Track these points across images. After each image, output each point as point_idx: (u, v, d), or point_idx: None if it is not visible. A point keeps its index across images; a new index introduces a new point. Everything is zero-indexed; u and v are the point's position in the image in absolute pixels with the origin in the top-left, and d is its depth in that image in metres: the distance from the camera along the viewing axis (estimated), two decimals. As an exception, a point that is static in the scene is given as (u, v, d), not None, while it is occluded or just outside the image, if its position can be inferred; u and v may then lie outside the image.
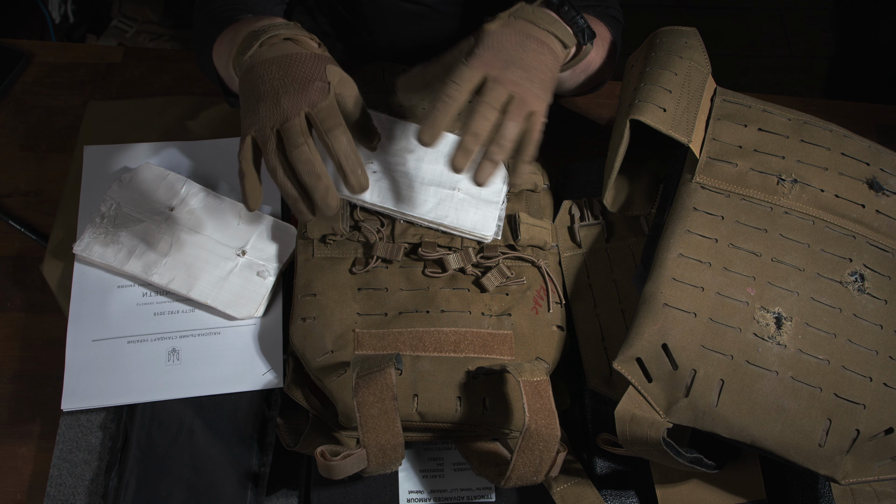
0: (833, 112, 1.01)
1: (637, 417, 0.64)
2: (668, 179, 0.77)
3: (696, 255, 0.69)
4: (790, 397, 0.64)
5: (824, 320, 0.67)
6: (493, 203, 0.78)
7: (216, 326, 0.77)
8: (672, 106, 0.74)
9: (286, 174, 0.62)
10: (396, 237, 0.77)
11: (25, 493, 0.74)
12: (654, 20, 2.06)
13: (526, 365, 0.67)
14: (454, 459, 0.74)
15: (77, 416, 0.75)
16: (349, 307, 0.73)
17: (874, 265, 0.70)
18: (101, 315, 0.77)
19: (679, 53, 0.78)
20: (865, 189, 0.73)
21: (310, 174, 0.61)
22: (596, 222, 0.82)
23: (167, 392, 0.74)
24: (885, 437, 0.64)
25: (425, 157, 0.79)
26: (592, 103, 1.01)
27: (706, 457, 0.66)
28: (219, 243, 0.80)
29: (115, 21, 1.65)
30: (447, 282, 0.75)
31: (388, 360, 0.64)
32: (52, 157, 0.92)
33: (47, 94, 0.97)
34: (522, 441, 0.63)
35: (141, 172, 0.83)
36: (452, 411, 0.69)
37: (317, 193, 0.62)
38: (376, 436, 0.62)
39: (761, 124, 0.76)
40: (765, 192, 0.73)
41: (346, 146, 0.62)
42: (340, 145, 0.62)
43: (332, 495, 0.71)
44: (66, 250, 0.82)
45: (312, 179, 0.62)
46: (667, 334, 0.65)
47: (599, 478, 0.74)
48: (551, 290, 0.77)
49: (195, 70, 0.99)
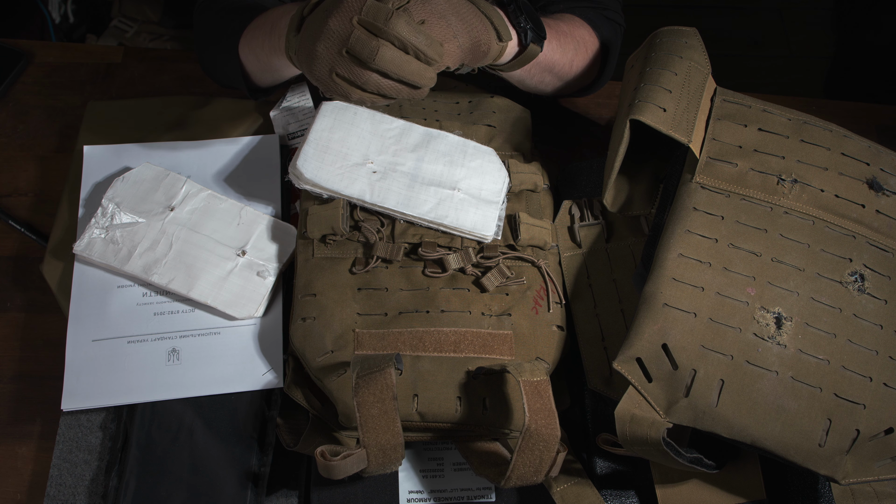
0: (833, 112, 1.01)
1: (637, 417, 0.64)
2: (668, 179, 0.77)
3: (696, 255, 0.69)
4: (790, 397, 0.64)
5: (824, 320, 0.67)
6: (493, 203, 0.78)
7: (216, 326, 0.77)
8: (672, 106, 0.74)
9: (379, 79, 0.65)
10: (396, 237, 0.77)
11: (25, 493, 0.74)
12: (654, 20, 2.06)
13: (526, 365, 0.67)
14: (454, 459, 0.74)
15: (77, 416, 0.75)
16: (349, 307, 0.73)
17: (874, 265, 0.70)
18: (101, 315, 0.77)
19: (679, 53, 0.78)
20: (865, 189, 0.73)
21: (399, 66, 0.64)
22: (596, 222, 0.82)
23: (167, 392, 0.74)
24: (885, 437, 0.64)
25: (425, 157, 0.79)
26: (592, 103, 1.01)
27: (706, 457, 0.66)
28: (219, 243, 0.80)
29: (115, 21, 1.65)
30: (447, 282, 0.75)
31: (388, 360, 0.64)
32: (51, 157, 0.92)
33: (47, 94, 0.97)
34: (522, 441, 0.63)
35: (141, 172, 0.83)
36: (452, 411, 0.69)
37: (414, 75, 0.65)
38: (376, 436, 0.62)
39: (761, 124, 0.76)
40: (765, 192, 0.73)
41: (405, 28, 0.63)
42: (401, 29, 0.63)
43: (332, 495, 0.71)
44: (66, 250, 0.82)
45: (403, 67, 0.64)
46: (667, 334, 0.65)
47: (599, 478, 0.74)
48: (551, 290, 0.77)
49: (195, 70, 0.99)
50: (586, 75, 0.91)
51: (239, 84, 0.86)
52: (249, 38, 0.81)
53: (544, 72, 0.85)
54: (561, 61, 0.85)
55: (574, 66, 0.87)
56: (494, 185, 0.79)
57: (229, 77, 0.86)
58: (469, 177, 0.79)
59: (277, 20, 0.76)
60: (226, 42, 0.83)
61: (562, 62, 0.85)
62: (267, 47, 0.77)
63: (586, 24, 0.89)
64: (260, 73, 0.84)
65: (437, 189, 0.78)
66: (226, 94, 0.97)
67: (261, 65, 0.81)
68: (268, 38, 0.77)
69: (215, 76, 0.90)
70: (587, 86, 0.93)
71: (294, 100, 0.88)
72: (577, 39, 0.87)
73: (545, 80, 0.87)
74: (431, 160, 0.79)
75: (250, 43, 0.80)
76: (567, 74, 0.88)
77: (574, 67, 0.87)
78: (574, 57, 0.86)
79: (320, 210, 0.76)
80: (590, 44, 0.88)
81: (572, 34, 0.86)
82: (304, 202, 0.79)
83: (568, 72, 0.87)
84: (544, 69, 0.84)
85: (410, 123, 0.81)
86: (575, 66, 0.87)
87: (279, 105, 0.88)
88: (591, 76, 0.92)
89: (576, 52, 0.86)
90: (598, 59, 0.90)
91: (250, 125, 0.91)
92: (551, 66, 0.84)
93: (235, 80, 0.86)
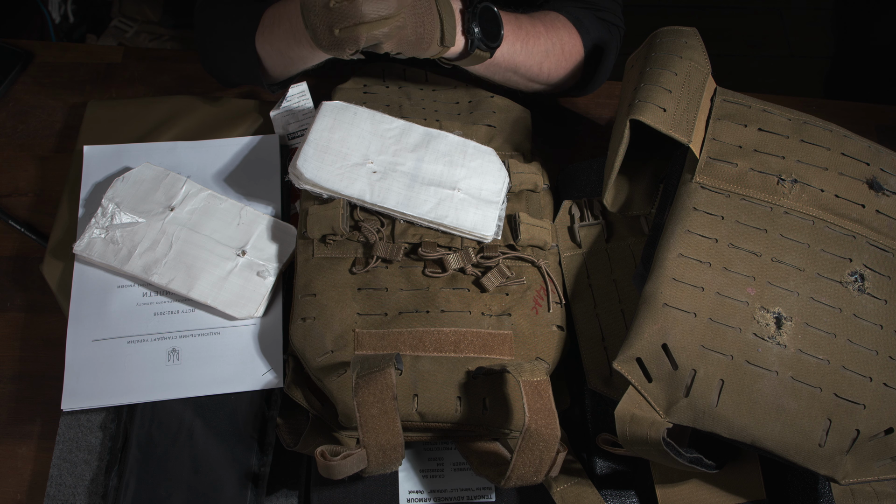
0: (833, 112, 1.01)
1: (637, 417, 0.64)
2: (668, 179, 0.77)
3: (696, 255, 0.69)
4: (790, 397, 0.64)
5: (824, 320, 0.67)
6: (493, 203, 0.78)
7: (216, 326, 0.77)
8: (672, 106, 0.74)
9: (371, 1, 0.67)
10: (396, 237, 0.77)
11: (25, 493, 0.74)
12: (654, 20, 2.06)
13: (526, 365, 0.67)
14: (454, 459, 0.74)
15: (77, 416, 0.75)
16: (349, 307, 0.73)
17: (874, 265, 0.70)
18: (101, 315, 0.77)
19: (679, 53, 0.78)
20: (865, 189, 0.73)
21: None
22: (596, 222, 0.82)
23: (167, 392, 0.74)
24: (885, 437, 0.64)
25: (425, 157, 0.79)
26: (592, 103, 1.01)
27: (706, 457, 0.66)
28: (219, 243, 0.80)
29: (115, 21, 1.65)
30: (447, 282, 0.75)
31: (388, 360, 0.64)
32: (52, 157, 0.92)
33: (47, 94, 0.97)
34: (522, 441, 0.63)
35: (141, 172, 0.83)
36: (452, 411, 0.69)
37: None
38: (376, 436, 0.62)
39: (761, 124, 0.76)
40: (765, 192, 0.73)
41: None
42: None
43: (332, 495, 0.71)
44: (66, 250, 0.82)
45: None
46: (667, 334, 0.65)
47: (599, 478, 0.74)
48: (551, 290, 0.77)
49: (195, 70, 0.99)
50: (569, 77, 0.91)
51: (254, 80, 0.88)
52: (268, 35, 0.82)
53: (507, 71, 0.85)
54: (526, 63, 0.85)
55: (545, 68, 0.88)
56: (494, 185, 0.79)
57: (243, 74, 0.88)
58: (469, 177, 0.79)
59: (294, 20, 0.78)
60: (239, 41, 0.84)
61: (527, 63, 0.86)
62: (294, 45, 0.80)
63: (569, 25, 0.89)
64: (282, 68, 0.86)
65: (437, 189, 0.78)
66: (226, 93, 0.97)
67: (284, 59, 0.84)
68: (293, 37, 0.79)
69: (223, 74, 0.91)
70: (577, 86, 0.94)
71: (294, 100, 0.88)
72: (552, 41, 0.87)
73: (512, 80, 0.88)
74: (431, 160, 0.79)
75: (270, 40, 0.82)
76: (538, 76, 0.88)
77: (545, 70, 0.88)
78: (544, 60, 0.87)
79: (320, 210, 0.76)
80: (568, 45, 0.89)
81: (547, 35, 0.87)
82: (304, 202, 0.79)
83: (537, 73, 0.88)
84: (507, 69, 0.85)
85: (410, 123, 0.81)
86: (546, 68, 0.88)
87: (279, 105, 0.88)
88: (574, 78, 0.92)
89: (546, 55, 0.87)
90: (579, 61, 0.90)
91: (250, 125, 0.91)
92: (514, 67, 0.85)
93: (251, 77, 0.87)
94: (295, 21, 0.77)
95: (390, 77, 0.92)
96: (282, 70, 0.86)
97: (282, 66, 0.85)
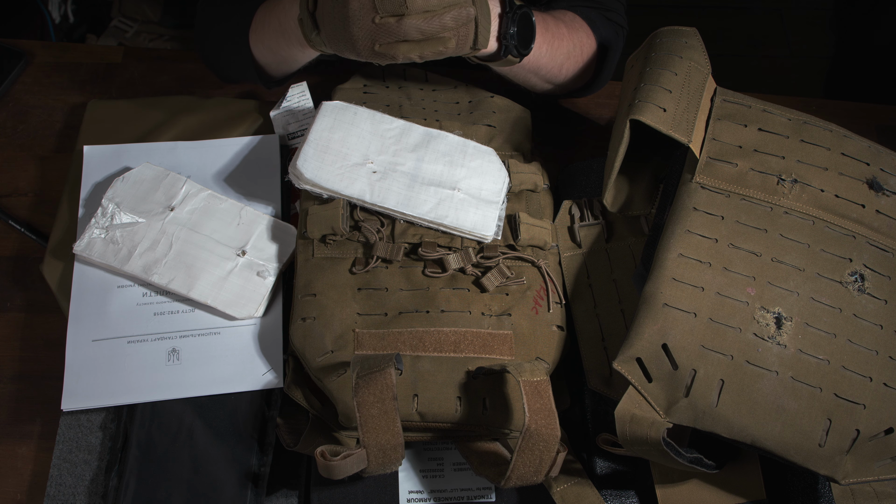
0: (833, 112, 1.01)
1: (637, 417, 0.64)
2: (668, 179, 0.77)
3: (696, 255, 0.69)
4: (790, 397, 0.64)
5: (824, 320, 0.67)
6: (493, 203, 0.78)
7: (216, 326, 0.77)
8: (672, 106, 0.74)
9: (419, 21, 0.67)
10: (396, 237, 0.77)
11: (25, 493, 0.74)
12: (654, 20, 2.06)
13: (526, 365, 0.67)
14: (454, 459, 0.74)
15: (77, 416, 0.75)
16: (349, 307, 0.73)
17: (874, 265, 0.70)
18: (101, 315, 0.77)
19: (679, 53, 0.78)
20: (865, 189, 0.73)
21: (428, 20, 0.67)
22: (596, 222, 0.82)
23: (167, 392, 0.74)
24: (885, 437, 0.64)
25: (425, 157, 0.79)
26: (592, 103, 1.01)
27: (706, 457, 0.66)
28: (219, 243, 0.80)
29: (115, 21, 1.65)
30: (447, 282, 0.75)
31: (388, 360, 0.64)
32: (52, 157, 0.92)
33: (47, 94, 0.97)
34: (522, 441, 0.62)
35: (141, 172, 0.83)
36: (452, 411, 0.69)
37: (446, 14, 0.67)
38: (376, 436, 0.62)
39: (761, 124, 0.76)
40: (765, 192, 0.73)
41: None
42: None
43: (332, 495, 0.71)
44: (66, 250, 0.82)
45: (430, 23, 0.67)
46: (667, 334, 0.65)
47: (599, 478, 0.74)
48: (551, 290, 0.77)
49: (195, 70, 0.99)
50: (579, 79, 0.91)
51: (253, 78, 0.88)
52: (259, 33, 0.82)
53: (529, 73, 0.85)
54: (548, 66, 0.85)
55: (563, 70, 0.88)
56: (494, 185, 0.79)
57: (241, 72, 0.88)
58: (469, 177, 0.79)
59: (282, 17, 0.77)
60: (235, 39, 0.85)
61: (549, 66, 0.85)
62: (283, 44, 0.79)
63: (587, 27, 0.89)
64: (276, 65, 0.86)
65: (437, 189, 0.78)
66: (226, 94, 0.97)
67: (276, 57, 0.84)
68: (282, 36, 0.78)
69: (223, 72, 0.91)
70: (582, 87, 0.93)
71: (294, 100, 0.88)
72: (574, 43, 0.87)
73: (530, 81, 0.88)
74: (431, 160, 0.79)
75: (262, 40, 0.82)
76: (555, 78, 0.88)
77: (563, 72, 0.88)
78: (565, 62, 0.87)
79: (320, 210, 0.76)
80: (586, 47, 0.88)
81: (570, 38, 0.86)
82: (304, 202, 0.79)
83: (556, 76, 0.88)
84: (529, 71, 0.85)
85: (410, 123, 0.81)
86: (565, 70, 0.88)
87: (279, 105, 0.88)
88: (584, 79, 0.92)
89: (567, 58, 0.86)
90: (593, 63, 0.90)
91: (250, 125, 0.91)
92: (537, 69, 0.85)
93: (249, 75, 0.88)
94: (283, 18, 0.77)
95: (390, 77, 0.92)
96: (276, 68, 0.87)
97: (275, 63, 0.85)
